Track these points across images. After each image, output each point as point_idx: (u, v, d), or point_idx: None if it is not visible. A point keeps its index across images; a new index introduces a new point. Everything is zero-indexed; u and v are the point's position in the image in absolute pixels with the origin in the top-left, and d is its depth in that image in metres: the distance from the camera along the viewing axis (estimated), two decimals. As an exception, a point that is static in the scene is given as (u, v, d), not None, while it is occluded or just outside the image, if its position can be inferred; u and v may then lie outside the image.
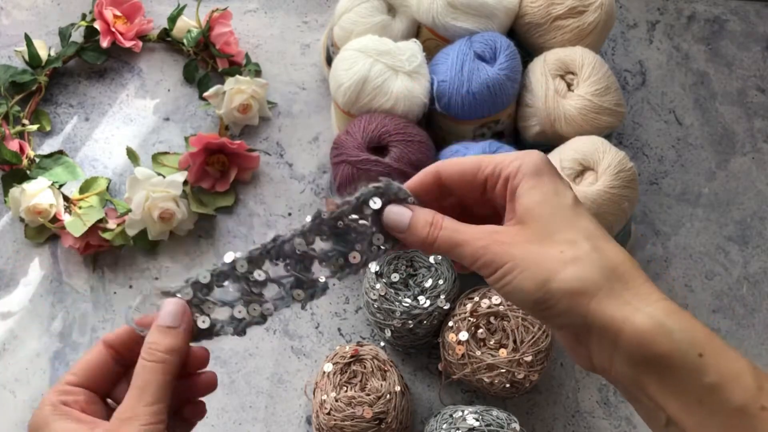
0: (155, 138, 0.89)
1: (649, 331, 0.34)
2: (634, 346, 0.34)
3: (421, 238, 0.39)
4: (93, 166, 0.87)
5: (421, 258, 0.74)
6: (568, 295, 0.35)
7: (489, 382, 0.69)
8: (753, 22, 0.98)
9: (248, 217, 0.85)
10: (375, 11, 0.80)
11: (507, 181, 0.39)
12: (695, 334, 0.34)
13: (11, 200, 0.81)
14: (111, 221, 0.81)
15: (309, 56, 0.93)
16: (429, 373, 0.78)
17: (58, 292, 0.81)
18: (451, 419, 0.67)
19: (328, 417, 0.68)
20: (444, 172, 0.41)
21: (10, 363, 0.78)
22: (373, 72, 0.74)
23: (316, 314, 0.80)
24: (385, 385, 0.69)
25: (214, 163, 0.83)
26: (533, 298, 0.36)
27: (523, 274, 0.36)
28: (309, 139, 0.89)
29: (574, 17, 0.79)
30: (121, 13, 0.90)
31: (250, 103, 0.85)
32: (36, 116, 0.88)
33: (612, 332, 0.34)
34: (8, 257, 0.82)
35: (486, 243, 0.37)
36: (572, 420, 0.76)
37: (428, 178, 0.41)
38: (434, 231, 0.39)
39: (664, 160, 0.90)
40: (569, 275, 0.35)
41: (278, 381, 0.77)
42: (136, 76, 0.92)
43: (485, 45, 0.76)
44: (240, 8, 0.95)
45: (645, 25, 0.98)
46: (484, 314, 0.71)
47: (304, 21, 0.96)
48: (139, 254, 0.83)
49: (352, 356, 0.70)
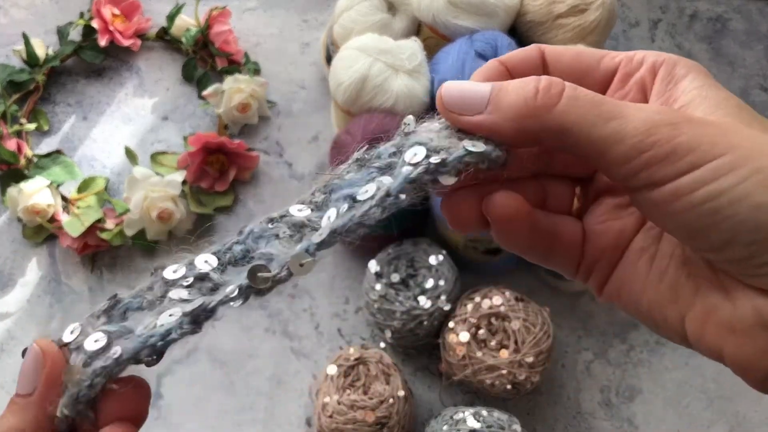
0: (154, 137, 0.88)
1: None
2: None
3: (520, 102, 0.24)
4: (91, 165, 0.87)
5: (422, 258, 0.74)
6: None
7: (490, 383, 0.69)
8: (756, 21, 0.98)
9: (247, 217, 0.85)
10: (375, 9, 0.80)
11: (657, 68, 0.27)
12: None
13: (9, 200, 0.80)
14: (109, 221, 0.80)
15: (308, 55, 0.93)
16: (429, 374, 0.77)
17: (56, 293, 0.81)
18: (451, 420, 0.67)
19: (330, 420, 0.67)
20: (551, 53, 0.28)
21: (8, 364, 0.77)
22: (373, 71, 0.74)
23: (316, 315, 0.80)
24: (389, 389, 0.68)
25: (213, 163, 0.83)
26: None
27: (763, 174, 0.21)
28: (309, 139, 0.88)
29: (576, 15, 0.79)
30: (120, 12, 0.90)
31: (250, 102, 0.85)
32: (34, 115, 0.88)
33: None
34: (6, 257, 0.82)
35: (673, 118, 0.22)
36: (573, 421, 0.76)
37: (531, 57, 0.28)
38: (550, 88, 0.23)
39: (666, 160, 0.89)
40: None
41: (278, 382, 0.77)
42: (135, 75, 0.92)
43: (486, 43, 0.75)
44: (239, 6, 0.95)
45: (647, 23, 0.97)
46: (485, 315, 0.70)
47: (303, 19, 0.95)
48: (138, 254, 0.82)
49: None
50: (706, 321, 0.24)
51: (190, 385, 0.77)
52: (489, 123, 0.24)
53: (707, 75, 0.26)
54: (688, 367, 0.77)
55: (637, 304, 0.27)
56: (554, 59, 0.28)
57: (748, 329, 0.23)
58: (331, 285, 0.81)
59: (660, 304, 0.26)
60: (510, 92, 0.24)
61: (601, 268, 0.29)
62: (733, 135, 0.22)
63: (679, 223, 0.22)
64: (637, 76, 0.27)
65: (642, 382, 0.77)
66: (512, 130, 0.24)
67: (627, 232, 0.28)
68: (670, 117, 0.22)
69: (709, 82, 0.25)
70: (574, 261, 0.29)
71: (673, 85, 0.26)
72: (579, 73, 0.28)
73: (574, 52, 0.28)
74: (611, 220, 0.29)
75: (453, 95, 0.25)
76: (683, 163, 0.21)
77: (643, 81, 0.27)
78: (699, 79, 0.25)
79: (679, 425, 0.75)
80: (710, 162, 0.21)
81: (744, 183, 0.21)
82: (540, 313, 0.71)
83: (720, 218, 0.21)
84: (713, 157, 0.21)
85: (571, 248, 0.29)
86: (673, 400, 0.75)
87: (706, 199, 0.21)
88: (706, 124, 0.22)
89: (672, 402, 0.75)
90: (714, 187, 0.21)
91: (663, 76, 0.26)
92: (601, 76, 0.28)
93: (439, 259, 0.73)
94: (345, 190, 0.27)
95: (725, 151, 0.21)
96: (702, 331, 0.24)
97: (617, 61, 0.27)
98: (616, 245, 0.28)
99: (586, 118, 0.22)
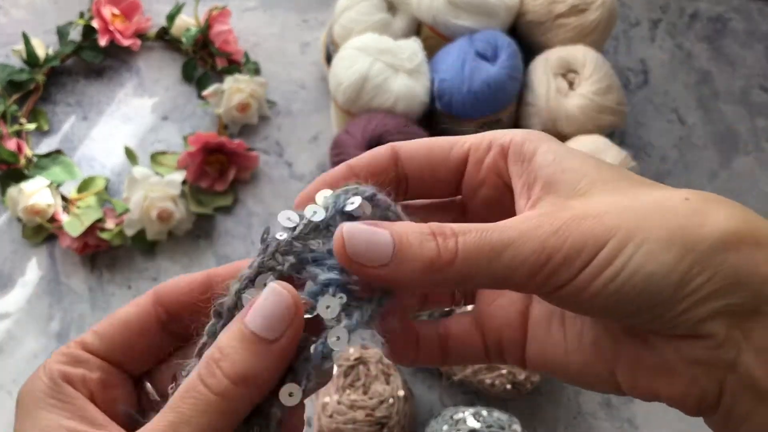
0: (153, 137, 0.88)
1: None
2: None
3: (425, 261, 0.24)
4: (91, 165, 0.87)
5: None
6: (733, 247, 0.22)
7: (490, 384, 0.69)
8: (756, 21, 0.97)
9: (247, 217, 0.85)
10: (375, 9, 0.79)
11: (506, 150, 0.27)
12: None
13: (9, 200, 0.80)
14: (109, 221, 0.80)
15: (308, 55, 0.93)
16: (429, 375, 0.77)
17: (55, 293, 0.80)
18: (451, 420, 0.67)
19: (330, 420, 0.67)
20: (404, 150, 0.29)
21: (7, 364, 0.77)
22: (373, 70, 0.74)
23: (316, 315, 0.80)
24: (389, 390, 0.68)
25: (213, 163, 0.83)
26: (676, 275, 0.22)
27: (646, 245, 0.23)
28: (308, 139, 0.88)
29: (576, 15, 0.79)
30: (120, 12, 0.90)
31: (249, 102, 0.85)
32: (34, 115, 0.88)
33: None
34: (5, 257, 0.82)
35: (553, 226, 0.23)
36: (574, 421, 0.76)
37: (382, 157, 0.29)
38: (446, 241, 0.24)
39: (667, 160, 0.89)
40: (722, 219, 0.23)
41: (278, 382, 0.77)
42: (135, 74, 0.92)
43: (486, 43, 0.75)
44: (239, 6, 0.95)
45: (647, 23, 0.97)
46: (485, 315, 0.70)
47: (303, 19, 0.95)
48: (138, 254, 0.82)
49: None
50: (635, 370, 0.25)
51: (189, 386, 0.76)
52: (394, 278, 0.24)
53: (556, 144, 0.27)
54: (688, 368, 0.77)
55: (564, 370, 0.28)
56: (408, 157, 0.29)
57: (673, 369, 0.24)
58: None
59: (588, 365, 0.27)
60: (413, 249, 0.24)
61: (510, 347, 0.29)
62: (608, 218, 0.23)
63: (590, 307, 0.24)
64: (488, 161, 0.28)
65: (642, 383, 0.76)
66: (418, 283, 0.25)
67: (518, 305, 0.29)
68: (552, 225, 0.24)
69: (560, 151, 0.26)
70: (477, 352, 0.30)
71: (528, 163, 0.26)
72: (432, 167, 0.29)
73: (425, 147, 0.29)
74: (497, 298, 0.30)
75: (358, 245, 0.24)
76: (579, 262, 0.23)
77: (495, 165, 0.28)
78: (550, 152, 0.26)
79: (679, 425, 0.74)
80: (599, 252, 0.23)
81: (632, 259, 0.23)
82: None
83: (622, 295, 0.23)
84: (600, 247, 0.23)
85: (466, 345, 0.30)
86: (674, 401, 0.75)
87: (606, 283, 0.23)
88: (583, 218, 0.23)
89: (672, 402, 0.75)
90: (610, 271, 0.23)
91: (514, 158, 0.27)
92: (453, 165, 0.29)
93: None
94: (330, 274, 0.25)
95: (608, 237, 0.23)
96: (633, 380, 0.26)
97: (466, 148, 0.28)
98: (512, 321, 0.29)
99: (483, 259, 0.24)
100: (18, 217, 0.81)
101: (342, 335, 0.24)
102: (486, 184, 0.29)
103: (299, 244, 0.26)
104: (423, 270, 0.24)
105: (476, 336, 0.30)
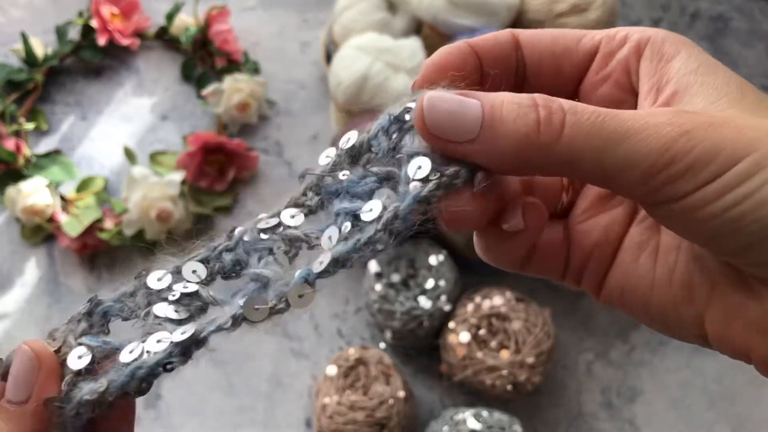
0: (153, 137, 0.88)
1: None
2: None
3: (520, 136, 0.21)
4: (90, 165, 0.86)
5: (422, 258, 0.73)
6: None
7: (490, 384, 0.69)
8: (757, 20, 0.97)
9: (247, 217, 0.84)
10: (375, 8, 0.79)
11: (642, 47, 0.24)
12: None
13: (7, 200, 0.80)
14: (108, 221, 0.80)
15: (308, 54, 0.93)
16: (430, 375, 0.77)
17: (54, 293, 0.80)
18: (451, 421, 0.67)
19: (330, 420, 0.67)
20: (524, 37, 0.25)
21: (6, 364, 0.77)
22: (373, 70, 0.73)
23: (316, 315, 0.79)
24: (389, 390, 0.68)
25: (212, 163, 0.82)
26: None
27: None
28: (308, 138, 0.88)
29: (577, 15, 0.78)
30: (119, 11, 0.90)
31: (249, 102, 0.85)
32: (32, 115, 0.88)
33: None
34: (4, 257, 0.82)
35: (683, 127, 0.20)
36: (575, 422, 0.75)
37: (505, 41, 0.25)
38: (552, 116, 0.21)
39: (668, 159, 0.89)
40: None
41: (277, 383, 0.77)
42: (134, 74, 0.92)
43: (487, 42, 0.75)
44: (238, 5, 0.95)
45: (648, 22, 0.97)
46: (485, 315, 0.70)
47: (303, 19, 0.95)
48: (137, 254, 0.82)
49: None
50: (730, 319, 0.22)
51: (189, 386, 0.76)
52: (484, 155, 0.21)
53: (700, 52, 0.24)
54: (689, 368, 0.77)
55: (645, 306, 0.25)
56: (529, 44, 0.25)
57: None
58: (330, 285, 0.80)
59: (673, 305, 0.24)
60: (506, 123, 0.21)
61: (593, 270, 0.27)
62: (750, 131, 0.20)
63: (699, 231, 0.21)
64: (619, 55, 0.25)
65: (643, 383, 0.76)
66: (510, 165, 0.21)
67: (617, 227, 0.26)
68: (682, 126, 0.20)
69: (705, 62, 0.23)
70: (557, 268, 0.27)
71: (664, 64, 0.23)
72: (556, 57, 0.25)
73: (550, 36, 0.25)
74: (596, 215, 0.26)
75: (440, 117, 0.21)
76: (706, 173, 0.20)
77: (626, 61, 0.25)
78: (693, 59, 0.23)
79: (680, 426, 0.74)
80: (733, 167, 0.20)
81: None
82: (541, 314, 0.70)
83: (745, 223, 0.20)
84: (736, 161, 0.20)
85: (549, 256, 0.27)
86: (675, 401, 0.75)
87: (732, 205, 0.20)
88: (720, 126, 0.20)
89: (674, 403, 0.75)
90: (741, 191, 0.20)
91: (650, 55, 0.24)
92: (581, 57, 0.25)
93: (439, 259, 0.73)
94: (344, 203, 0.24)
95: (747, 153, 0.20)
96: (725, 331, 0.23)
97: (597, 40, 0.25)
98: (606, 243, 0.26)
99: (593, 146, 0.20)
100: (17, 217, 0.81)
101: (325, 260, 0.23)
102: (610, 80, 0.25)
103: (331, 178, 0.25)
104: (518, 146, 0.20)
105: (561, 250, 0.27)
